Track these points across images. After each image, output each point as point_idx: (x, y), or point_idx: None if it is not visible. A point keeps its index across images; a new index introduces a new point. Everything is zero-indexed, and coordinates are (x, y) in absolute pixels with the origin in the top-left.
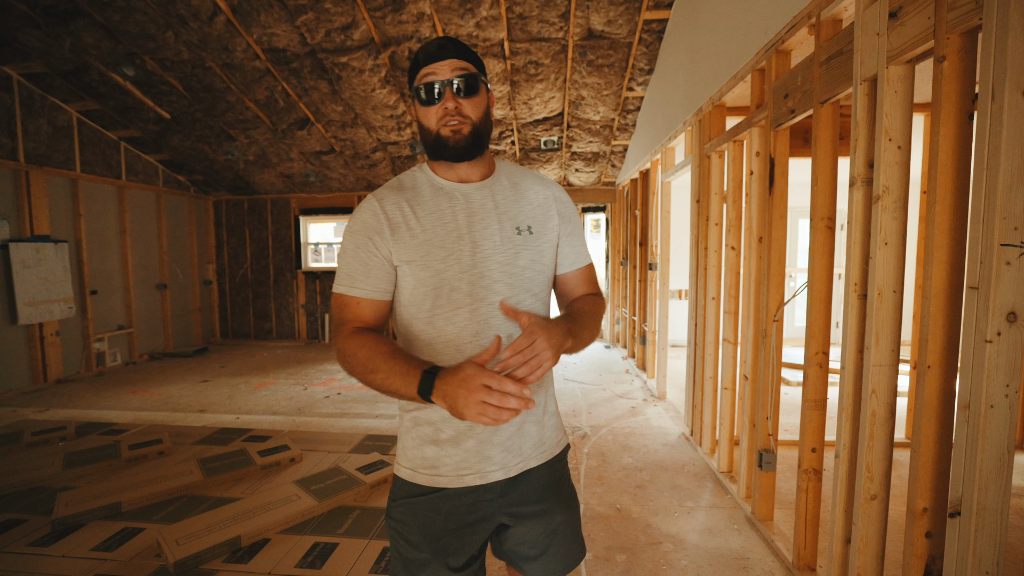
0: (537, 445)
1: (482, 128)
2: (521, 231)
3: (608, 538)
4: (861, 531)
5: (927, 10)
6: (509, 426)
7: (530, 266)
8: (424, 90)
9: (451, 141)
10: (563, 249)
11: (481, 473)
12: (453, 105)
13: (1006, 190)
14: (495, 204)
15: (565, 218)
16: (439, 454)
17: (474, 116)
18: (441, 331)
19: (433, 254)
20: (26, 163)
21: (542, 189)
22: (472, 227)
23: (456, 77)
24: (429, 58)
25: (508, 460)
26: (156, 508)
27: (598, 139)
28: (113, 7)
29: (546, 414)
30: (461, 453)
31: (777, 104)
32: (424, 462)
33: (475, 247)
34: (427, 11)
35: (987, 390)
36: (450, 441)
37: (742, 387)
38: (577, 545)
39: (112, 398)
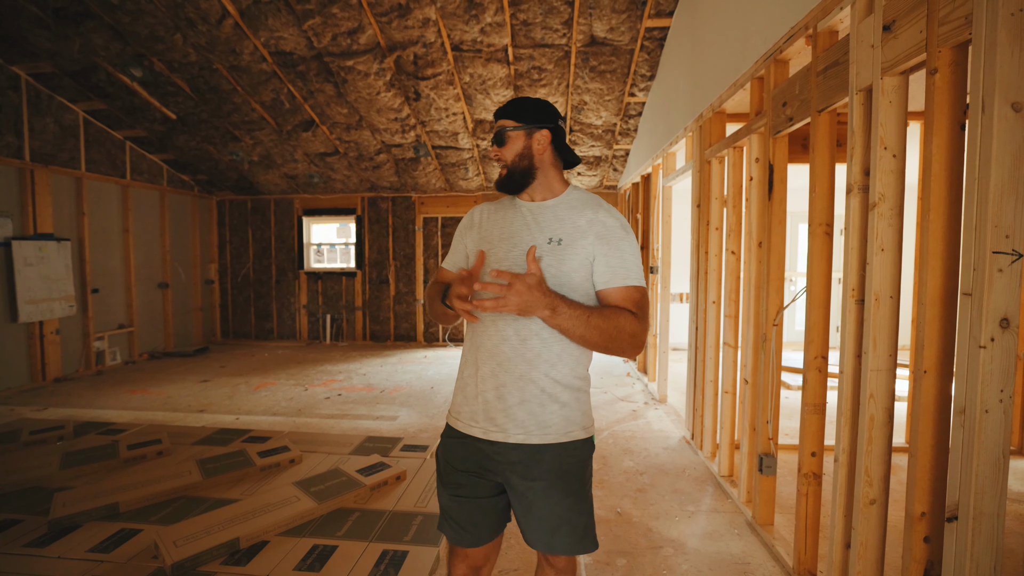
0: (541, 426)
1: (515, 166)
2: (552, 241)
3: (609, 542)
4: (861, 536)
5: (919, 24)
6: (512, 398)
7: (547, 268)
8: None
9: (497, 183)
10: (598, 267)
11: (484, 429)
12: (495, 154)
13: (997, 199)
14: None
15: (603, 239)
16: (461, 403)
17: (507, 158)
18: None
19: (483, 246)
20: (32, 161)
21: (590, 214)
22: (517, 232)
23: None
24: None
25: (509, 427)
26: (154, 509)
27: (600, 143)
28: (123, 9)
29: (552, 401)
30: (472, 407)
31: (776, 112)
32: (454, 408)
33: (513, 246)
34: (432, 17)
35: (982, 395)
36: (470, 395)
37: (742, 391)
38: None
39: (111, 397)
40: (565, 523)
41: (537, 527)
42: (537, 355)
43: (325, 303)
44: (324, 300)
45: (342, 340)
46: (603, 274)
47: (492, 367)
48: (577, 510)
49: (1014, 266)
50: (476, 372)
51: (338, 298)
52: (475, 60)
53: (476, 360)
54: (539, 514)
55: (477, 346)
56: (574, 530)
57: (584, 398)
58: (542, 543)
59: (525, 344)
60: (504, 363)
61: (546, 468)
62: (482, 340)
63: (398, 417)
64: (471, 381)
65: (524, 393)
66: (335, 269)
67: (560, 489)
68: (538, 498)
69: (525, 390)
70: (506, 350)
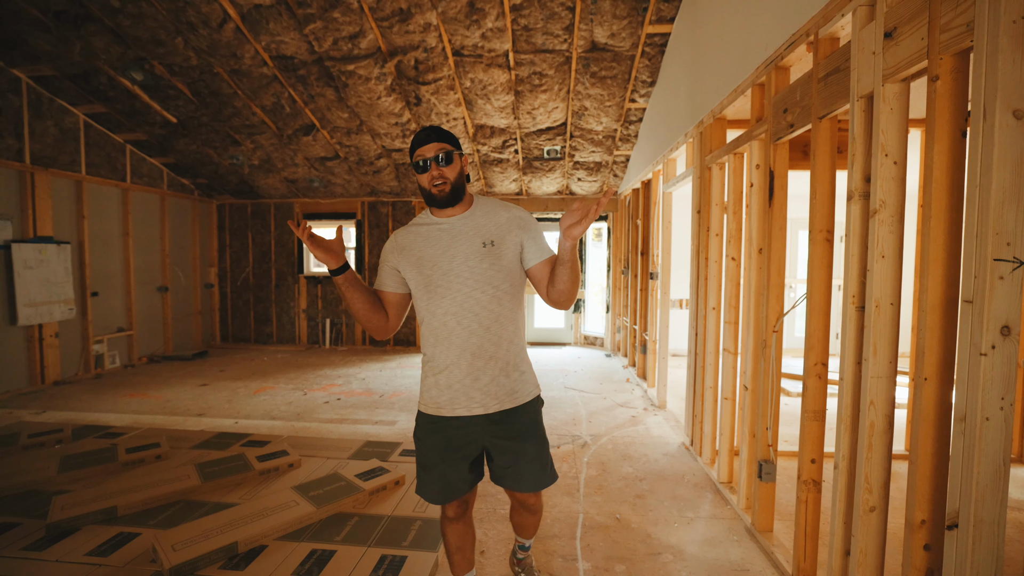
0: (510, 393)
1: (458, 184)
2: (486, 244)
3: (607, 548)
4: (860, 543)
5: (921, 31)
6: (486, 377)
7: (490, 267)
8: (419, 164)
9: (438, 195)
10: (528, 248)
11: (467, 407)
12: (437, 172)
13: (998, 206)
14: (470, 228)
15: (524, 228)
16: (439, 394)
17: (451, 177)
18: (433, 312)
19: (424, 265)
20: (32, 164)
21: (504, 213)
22: (453, 245)
23: (438, 153)
24: (420, 143)
25: (488, 402)
26: (152, 513)
27: (600, 149)
28: (124, 13)
29: (515, 371)
30: (450, 393)
31: (777, 118)
32: (431, 400)
33: (453, 257)
34: (433, 22)
35: (982, 402)
36: (445, 386)
37: (742, 397)
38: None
39: (110, 401)
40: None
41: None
42: (499, 337)
43: (324, 307)
44: (323, 304)
45: (341, 344)
46: (533, 252)
47: (467, 358)
48: (544, 449)
49: (1015, 274)
50: (450, 365)
51: (337, 302)
52: (476, 65)
53: (447, 355)
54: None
55: (447, 344)
56: (544, 466)
57: (530, 366)
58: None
59: (488, 331)
60: (475, 351)
61: (519, 425)
62: (451, 339)
63: (397, 422)
64: (446, 373)
65: (494, 371)
66: None
67: (533, 438)
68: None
69: (495, 368)
70: (475, 341)
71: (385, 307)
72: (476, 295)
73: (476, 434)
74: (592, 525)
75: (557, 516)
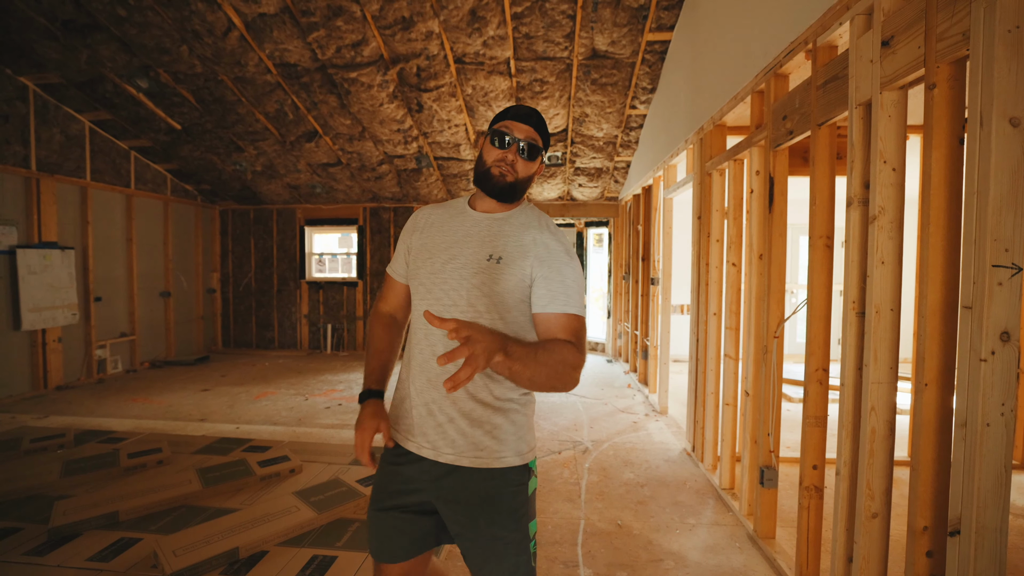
0: (473, 447)
1: (521, 183)
2: (492, 258)
3: (609, 554)
4: (863, 550)
5: (917, 39)
6: (441, 414)
7: (480, 287)
8: (498, 136)
9: (496, 179)
10: (538, 289)
11: (418, 445)
12: (512, 157)
13: (996, 213)
14: (486, 234)
15: (542, 261)
16: (399, 414)
17: (521, 173)
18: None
19: (421, 254)
20: (37, 171)
21: (535, 234)
22: (458, 243)
23: (526, 140)
24: (517, 117)
25: (440, 445)
26: (154, 518)
27: (601, 155)
28: (130, 22)
29: (487, 422)
30: (408, 420)
31: (776, 125)
32: (395, 419)
33: (451, 258)
34: (436, 30)
35: (983, 408)
36: (404, 409)
37: (743, 403)
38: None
39: (112, 406)
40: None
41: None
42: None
43: (326, 313)
44: (325, 310)
45: (343, 350)
46: (542, 297)
47: (423, 382)
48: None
49: (1014, 280)
50: (410, 387)
51: (339, 308)
52: (477, 72)
53: (409, 375)
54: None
55: (408, 360)
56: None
57: (520, 419)
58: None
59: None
60: (434, 380)
61: (472, 493)
62: (413, 353)
63: None
64: (406, 395)
65: (450, 411)
66: (336, 279)
67: (486, 517)
68: (463, 526)
69: (454, 409)
70: (433, 367)
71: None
72: (453, 312)
73: (423, 482)
74: (593, 531)
75: (558, 523)
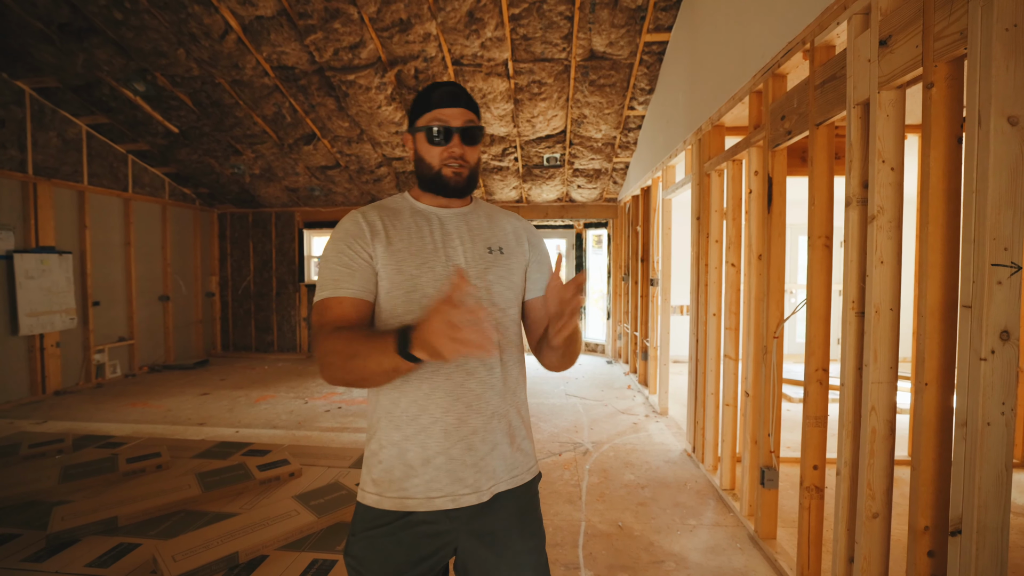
0: (510, 468)
1: (476, 172)
2: (492, 251)
3: (610, 556)
4: (864, 550)
5: (915, 39)
6: (484, 445)
7: (498, 281)
8: (434, 132)
9: (452, 181)
10: (532, 275)
11: (453, 496)
12: (459, 151)
13: (995, 212)
14: (468, 228)
15: (535, 247)
16: (408, 474)
17: (472, 161)
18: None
19: (408, 261)
20: (34, 175)
21: (514, 221)
22: (446, 244)
23: (466, 127)
24: (443, 103)
25: (481, 482)
26: (153, 523)
27: (600, 156)
28: (127, 25)
29: (519, 434)
30: (431, 472)
31: (774, 125)
32: (392, 484)
33: (448, 260)
34: (433, 32)
35: (983, 408)
36: (419, 460)
37: (743, 403)
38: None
39: (111, 410)
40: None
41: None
42: (505, 384)
43: None
44: None
45: None
46: (536, 281)
47: (459, 412)
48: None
49: (1013, 278)
50: (431, 424)
51: None
52: (475, 74)
53: (428, 407)
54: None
55: (429, 388)
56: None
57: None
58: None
59: (492, 373)
60: (474, 403)
61: (507, 513)
62: (435, 380)
63: None
64: (421, 438)
65: (496, 435)
66: None
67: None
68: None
69: (496, 432)
70: (473, 386)
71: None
72: None
73: (454, 534)
74: (594, 533)
75: (559, 524)
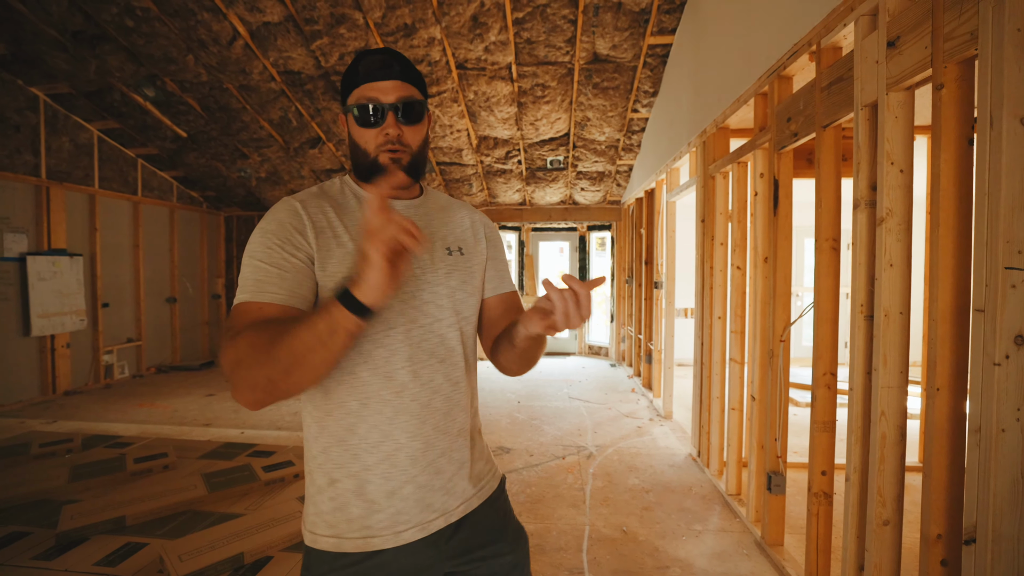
0: (475, 480)
1: (420, 156)
2: (452, 252)
3: (614, 561)
4: (874, 558)
5: (924, 40)
6: (452, 465)
7: (460, 287)
8: (363, 110)
9: (390, 168)
10: (489, 272)
11: (422, 525)
12: (396, 132)
13: (1008, 214)
14: (425, 224)
15: (491, 242)
16: (370, 510)
17: (414, 144)
18: (369, 355)
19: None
20: (47, 179)
21: (468, 214)
22: None
23: (401, 102)
24: (371, 75)
25: (449, 503)
26: (160, 523)
27: (603, 159)
28: (138, 32)
29: (477, 447)
30: (398, 503)
31: (780, 127)
32: (351, 524)
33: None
34: (438, 36)
35: (997, 414)
36: (383, 493)
37: (750, 408)
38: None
39: (119, 411)
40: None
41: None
42: (468, 398)
43: None
44: None
45: None
46: (493, 279)
47: (425, 436)
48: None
49: None
50: (394, 452)
51: None
52: (479, 78)
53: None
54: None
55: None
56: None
57: None
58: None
59: (457, 388)
60: (441, 423)
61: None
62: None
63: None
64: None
65: (461, 453)
66: None
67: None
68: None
69: (463, 449)
70: (439, 404)
71: None
72: (440, 328)
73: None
74: (599, 538)
75: (563, 529)
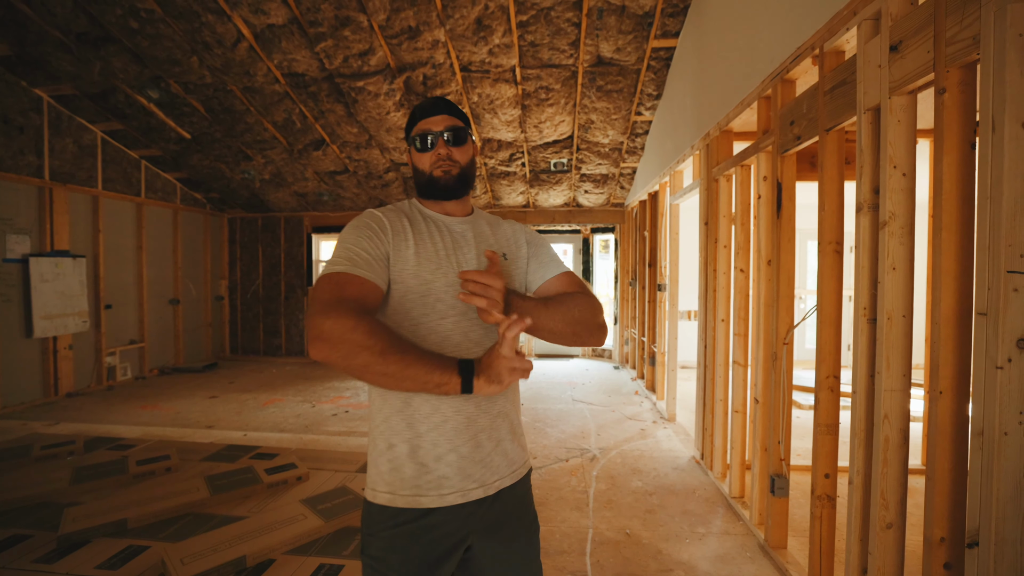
0: (510, 463)
1: (467, 171)
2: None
3: (618, 564)
4: (877, 561)
5: (926, 44)
6: (490, 442)
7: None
8: (420, 139)
9: (441, 181)
10: (532, 266)
11: (463, 491)
12: (445, 152)
13: (1010, 218)
14: (474, 235)
15: (531, 243)
16: (420, 472)
17: (462, 161)
18: (424, 340)
19: (424, 266)
20: (51, 180)
21: (511, 226)
22: (456, 250)
23: (447, 130)
24: (425, 113)
25: (487, 477)
26: (162, 525)
27: (607, 161)
28: (142, 34)
29: (517, 430)
30: (443, 468)
31: (783, 130)
32: (404, 483)
33: (460, 265)
34: (442, 39)
35: (1000, 417)
36: (431, 457)
37: (753, 410)
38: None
39: (121, 413)
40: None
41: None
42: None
43: None
44: None
45: None
46: (537, 270)
47: (468, 412)
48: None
49: None
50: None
51: None
52: (483, 80)
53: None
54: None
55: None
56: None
57: None
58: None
59: None
60: (483, 403)
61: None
62: None
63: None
64: (433, 435)
65: (500, 432)
66: None
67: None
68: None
69: (501, 429)
70: None
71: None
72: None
73: (465, 531)
74: (602, 540)
75: (566, 531)
